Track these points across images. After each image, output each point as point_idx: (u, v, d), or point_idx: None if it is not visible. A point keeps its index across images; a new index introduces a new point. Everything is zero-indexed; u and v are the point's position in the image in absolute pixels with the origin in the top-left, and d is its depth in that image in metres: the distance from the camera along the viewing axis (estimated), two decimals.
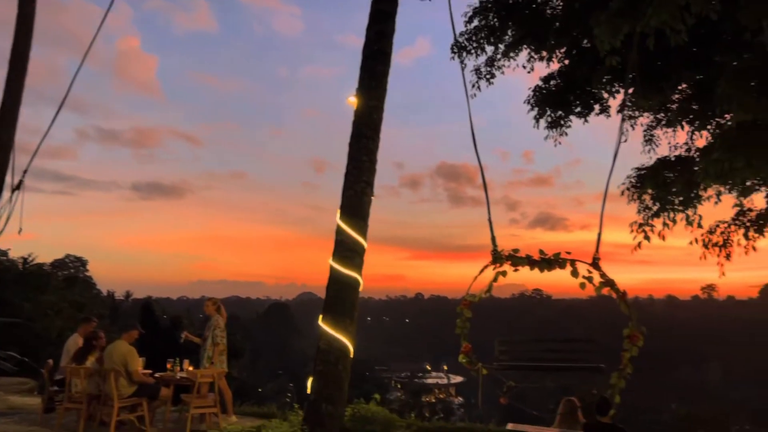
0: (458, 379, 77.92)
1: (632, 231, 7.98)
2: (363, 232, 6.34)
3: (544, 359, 7.05)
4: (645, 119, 9.38)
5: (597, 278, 6.88)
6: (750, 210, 8.80)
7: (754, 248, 8.58)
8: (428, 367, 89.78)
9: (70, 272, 39.64)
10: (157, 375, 8.38)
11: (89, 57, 7.67)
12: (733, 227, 8.84)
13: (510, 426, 6.66)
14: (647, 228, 7.91)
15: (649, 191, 7.72)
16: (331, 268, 6.20)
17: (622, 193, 9.15)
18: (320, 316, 6.08)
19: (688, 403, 21.09)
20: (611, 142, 7.12)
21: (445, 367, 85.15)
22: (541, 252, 7.05)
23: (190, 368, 8.40)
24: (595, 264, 6.92)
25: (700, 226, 7.91)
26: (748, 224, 8.70)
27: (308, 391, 5.88)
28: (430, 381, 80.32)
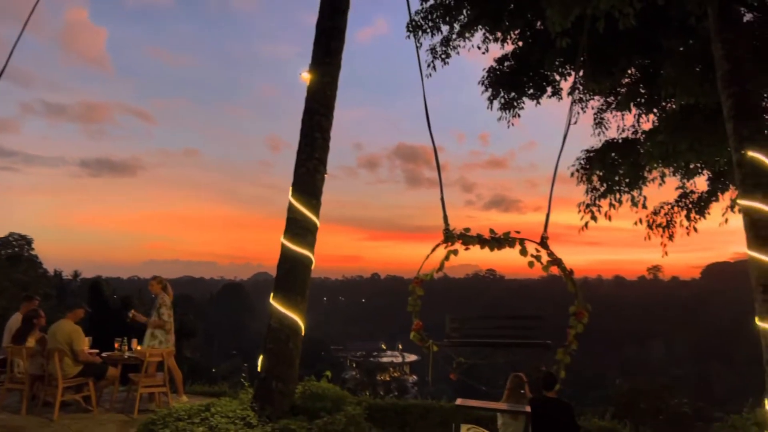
0: (413, 357, 78.95)
1: (580, 211, 8.20)
2: (315, 209, 6.29)
3: (493, 336, 7.19)
4: (595, 103, 9.59)
5: (545, 257, 7.04)
6: (692, 192, 9.14)
7: (695, 229, 8.94)
8: (383, 347, 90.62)
9: (14, 251, 38.30)
10: (104, 354, 8.21)
11: (35, 29, 7.40)
12: (676, 209, 9.17)
13: (459, 401, 6.79)
14: (594, 208, 8.14)
15: (597, 173, 7.92)
16: (283, 246, 6.15)
17: (572, 174, 9.37)
18: (271, 294, 6.03)
19: (632, 379, 22.00)
20: (560, 122, 7.26)
21: (400, 346, 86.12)
22: (492, 231, 7.16)
23: (139, 347, 8.27)
24: (543, 243, 7.07)
25: (644, 206, 8.19)
26: (690, 206, 9.04)
27: (259, 369, 5.85)
28: (385, 360, 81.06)
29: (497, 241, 7.09)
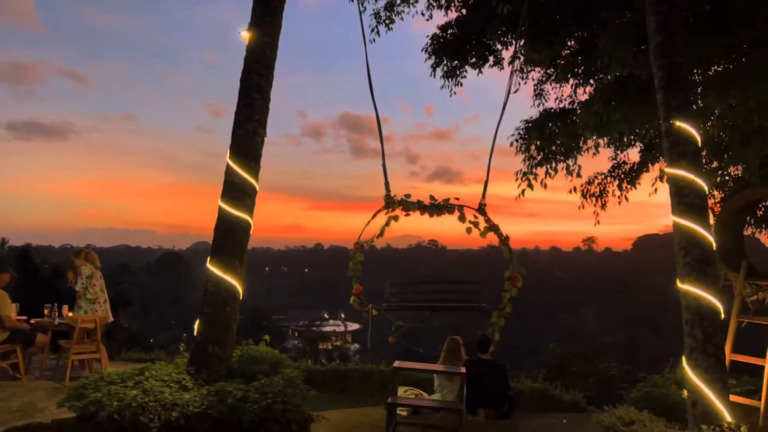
0: (355, 326, 79.66)
1: (517, 179, 8.38)
2: (254, 173, 6.18)
3: (431, 300, 7.32)
4: (536, 74, 9.74)
5: (482, 223, 7.17)
6: (624, 163, 9.47)
7: (626, 198, 9.30)
8: (326, 316, 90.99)
9: None
10: (32, 321, 7.92)
11: None
12: (608, 179, 9.50)
13: (396, 363, 6.91)
14: (531, 176, 8.33)
15: (535, 142, 8.09)
16: (220, 209, 6.03)
17: (511, 144, 9.53)
18: (208, 258, 5.92)
19: (565, 345, 23.01)
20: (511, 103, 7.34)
21: (343, 316, 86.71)
22: (432, 198, 7.23)
23: (70, 314, 8.00)
24: (481, 210, 7.19)
25: (579, 175, 8.44)
26: (622, 176, 9.37)
27: (195, 333, 5.77)
28: (327, 329, 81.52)
29: (437, 207, 7.17)
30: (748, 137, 7.01)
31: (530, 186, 8.23)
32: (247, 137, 6.18)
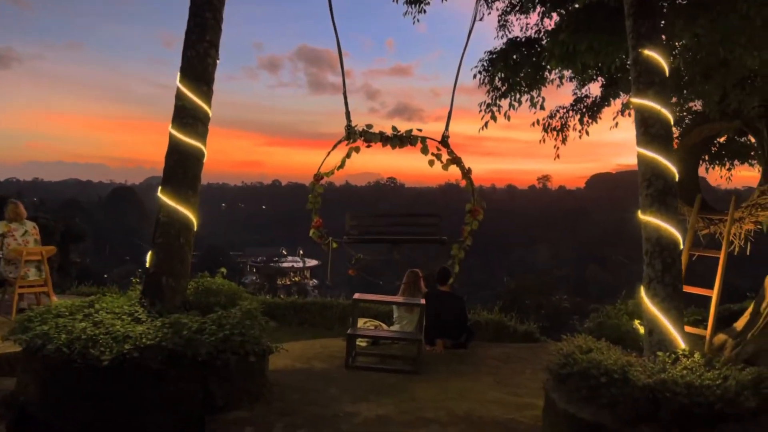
0: (314, 262, 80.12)
1: (480, 111, 8.22)
2: (207, 97, 5.82)
3: (391, 233, 7.26)
4: (500, 4, 9.42)
5: (445, 156, 7.05)
6: (587, 97, 9.40)
7: (587, 133, 9.28)
8: (284, 252, 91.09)
9: None
10: None
11: None
12: (570, 113, 9.44)
13: (356, 295, 6.88)
14: (494, 108, 8.17)
15: (499, 74, 7.89)
16: (171, 137, 5.69)
17: (474, 76, 9.31)
18: (159, 188, 5.64)
19: (519, 279, 23.74)
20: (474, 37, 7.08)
21: (301, 252, 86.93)
22: (394, 129, 7.04)
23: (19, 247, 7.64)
24: (443, 142, 7.06)
25: (542, 107, 8.33)
26: (583, 110, 9.32)
27: (147, 265, 5.55)
28: (285, 265, 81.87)
29: (399, 138, 7.00)
30: (711, 71, 6.97)
31: (494, 118, 8.09)
32: (198, 59, 5.79)
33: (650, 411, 3.68)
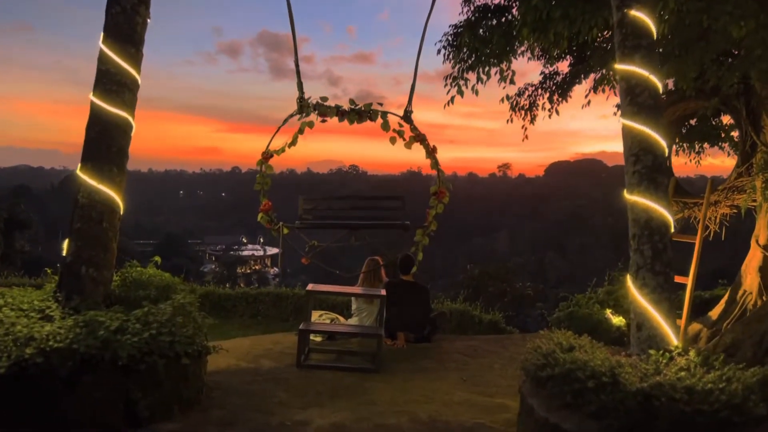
0: (274, 250, 78.84)
1: (446, 85, 7.60)
2: (135, 61, 5.05)
3: (350, 218, 6.60)
4: None
5: (408, 133, 6.43)
6: (556, 74, 8.90)
7: (557, 112, 8.78)
8: (244, 240, 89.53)
9: None
10: None
11: None
12: (539, 91, 8.93)
13: (310, 286, 6.23)
14: (461, 81, 7.56)
15: (467, 42, 7.27)
16: (92, 106, 4.91)
17: (439, 51, 8.71)
18: (79, 165, 4.86)
19: (481, 266, 23.37)
20: (431, 21, 6.42)
21: (261, 240, 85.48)
22: (351, 102, 6.38)
23: None
24: (406, 117, 6.43)
25: (512, 82, 7.76)
26: (553, 88, 8.82)
27: (64, 253, 4.78)
28: (245, 253, 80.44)
29: (357, 112, 6.34)
30: (690, 44, 6.52)
31: (460, 93, 7.47)
32: (125, 16, 5.01)
33: (645, 420, 3.16)
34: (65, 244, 4.83)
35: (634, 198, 4.15)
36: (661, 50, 7.11)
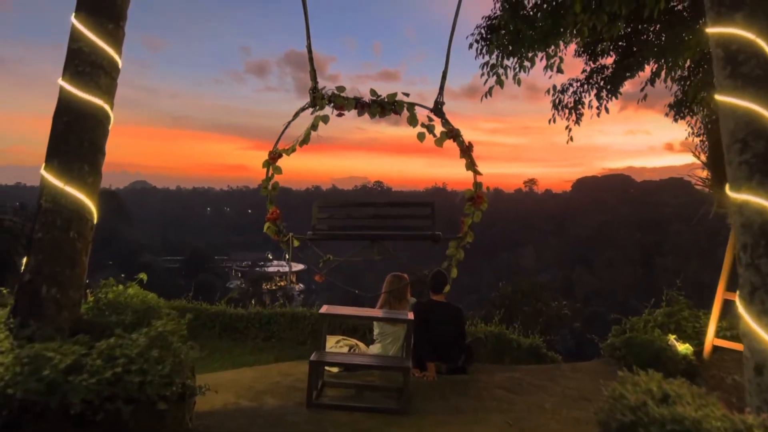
0: (300, 267, 78.33)
1: (483, 75, 6.65)
2: (114, 39, 4.22)
3: (371, 227, 5.66)
4: None
5: (439, 128, 5.50)
6: (605, 67, 7.89)
7: (606, 110, 7.74)
8: (269, 256, 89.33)
9: None
10: None
11: None
12: (585, 86, 7.93)
13: (324, 309, 5.29)
14: (500, 70, 6.59)
15: (506, 24, 6.31)
16: (61, 91, 4.09)
17: (470, 46, 7.81)
18: (43, 164, 4.03)
19: (515, 283, 22.08)
20: (456, 39, 5.55)
21: (287, 256, 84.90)
22: (373, 92, 5.48)
23: None
24: (437, 110, 5.50)
25: (560, 70, 6.77)
26: (601, 83, 7.81)
27: (23, 269, 3.93)
28: (271, 269, 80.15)
29: (379, 105, 5.43)
30: None
31: (500, 82, 6.52)
32: None
33: None
34: (25, 259, 3.98)
35: (742, 197, 3.14)
36: None
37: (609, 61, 8.37)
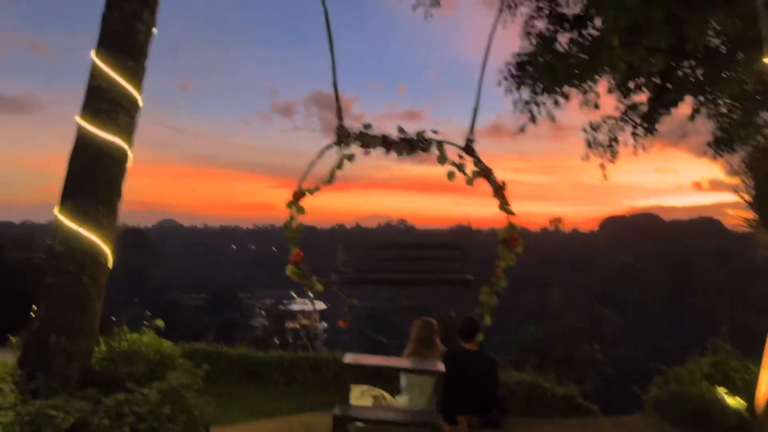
0: (323, 306, 77.93)
1: (515, 111, 6.42)
2: (134, 77, 4.11)
3: (398, 270, 5.38)
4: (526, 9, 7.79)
5: (470, 166, 5.25)
6: (642, 104, 7.61)
7: (643, 147, 7.42)
8: (293, 294, 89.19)
9: None
10: None
11: None
12: (620, 123, 7.65)
13: (348, 358, 4.98)
14: (534, 106, 6.34)
15: (540, 60, 6.09)
16: (79, 130, 3.96)
17: (499, 83, 7.64)
18: (57, 205, 3.87)
19: (546, 326, 21.20)
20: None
21: (311, 294, 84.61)
22: (401, 130, 5.27)
23: None
24: (468, 148, 5.26)
25: (597, 106, 6.51)
26: (637, 120, 7.51)
27: (33, 315, 3.73)
28: (294, 308, 79.90)
29: (408, 143, 5.21)
30: None
31: (533, 120, 6.27)
32: (123, 23, 4.11)
33: None
34: (35, 307, 3.78)
35: None
36: None
37: (642, 98, 8.12)
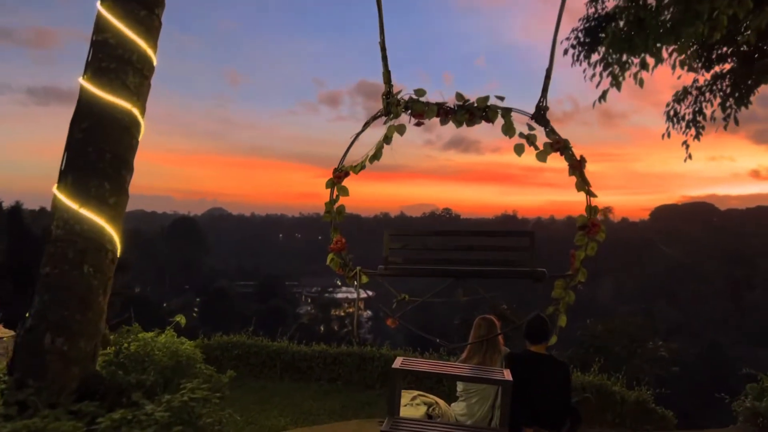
0: (369, 293, 77.87)
1: (594, 76, 5.51)
2: (148, 29, 3.47)
3: (455, 261, 4.62)
4: None
5: (541, 137, 4.42)
6: (731, 72, 6.59)
7: (736, 121, 6.37)
8: (338, 283, 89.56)
9: None
10: None
11: None
12: (707, 95, 6.63)
13: (398, 362, 4.27)
14: (615, 68, 5.38)
15: (623, 12, 5.18)
16: (81, 92, 3.36)
17: (566, 51, 6.77)
18: (55, 184, 3.28)
19: (582, 319, 19.84)
20: (528, 68, 4.54)
21: (356, 282, 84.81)
22: (459, 96, 4.49)
23: None
24: (539, 116, 4.41)
25: (692, 68, 5.56)
26: (727, 90, 6.49)
27: (27, 314, 3.15)
28: (339, 296, 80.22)
29: (467, 110, 4.41)
30: None
31: (616, 84, 5.33)
32: None
33: None
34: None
35: None
36: None
37: (726, 68, 7.08)
